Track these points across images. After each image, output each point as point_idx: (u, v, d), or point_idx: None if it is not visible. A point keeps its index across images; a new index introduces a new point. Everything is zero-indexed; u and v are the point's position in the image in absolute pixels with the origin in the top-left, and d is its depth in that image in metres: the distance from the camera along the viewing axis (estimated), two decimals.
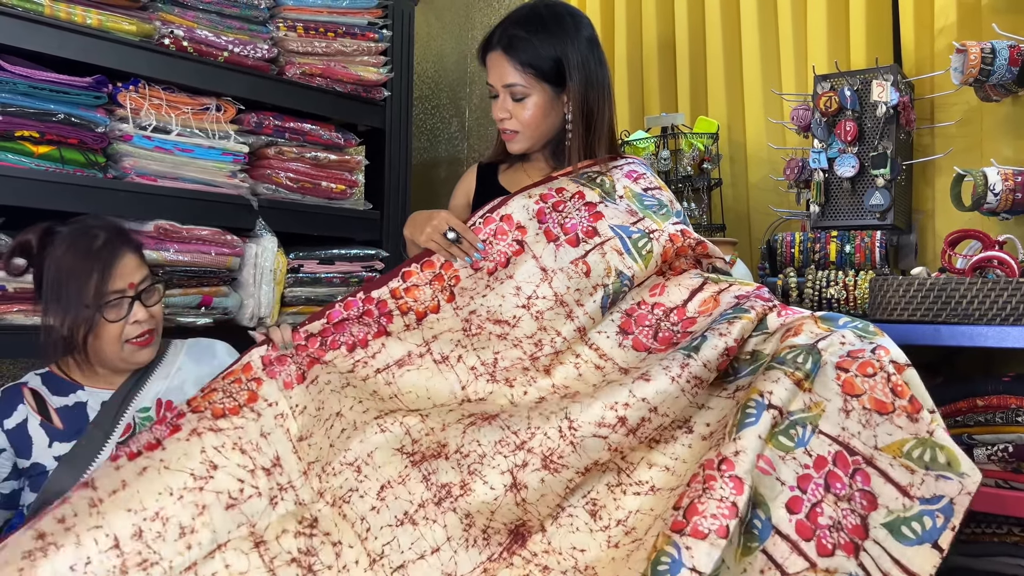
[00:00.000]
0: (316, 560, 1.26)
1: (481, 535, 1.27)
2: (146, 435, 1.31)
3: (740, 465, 1.11)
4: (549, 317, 1.42)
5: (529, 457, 1.26)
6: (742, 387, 1.30)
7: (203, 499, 1.24)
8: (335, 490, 1.31)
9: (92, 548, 1.17)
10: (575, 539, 1.28)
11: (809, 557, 1.06)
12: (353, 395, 1.39)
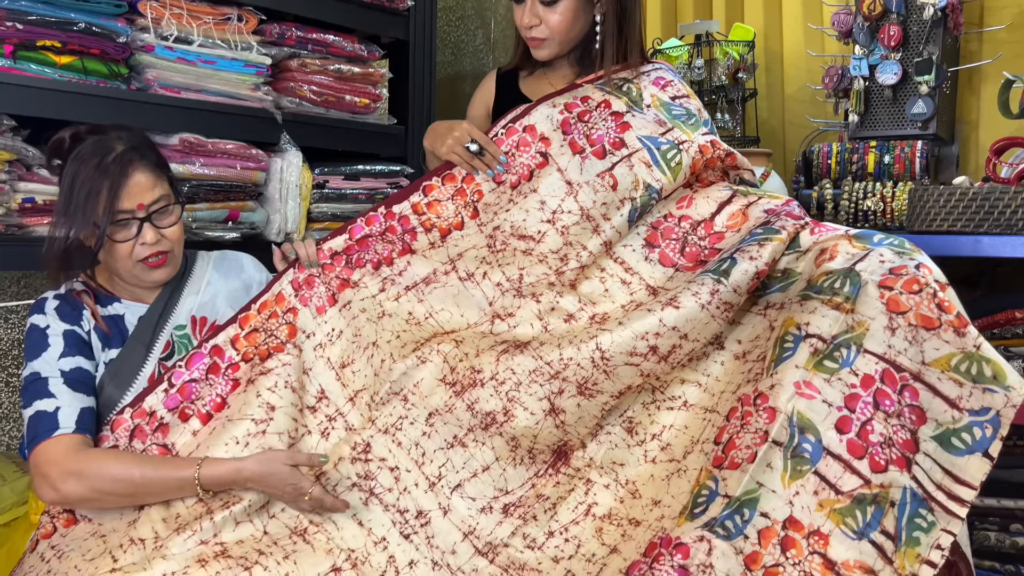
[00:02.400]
0: (376, 483, 1.31)
1: (527, 454, 1.32)
2: (207, 389, 1.34)
3: (775, 397, 1.12)
4: (575, 232, 1.40)
5: (564, 385, 1.28)
6: (772, 304, 1.29)
7: (267, 442, 1.27)
8: (386, 418, 1.35)
9: (180, 504, 1.22)
10: (614, 455, 1.33)
11: (862, 474, 1.06)
12: (390, 326, 1.40)
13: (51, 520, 1.26)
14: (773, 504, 1.07)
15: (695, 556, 1.06)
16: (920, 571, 1.03)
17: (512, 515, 1.30)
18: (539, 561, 1.27)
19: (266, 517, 1.23)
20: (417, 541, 1.28)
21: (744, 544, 1.05)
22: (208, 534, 1.18)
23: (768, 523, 1.06)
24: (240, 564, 1.17)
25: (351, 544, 1.26)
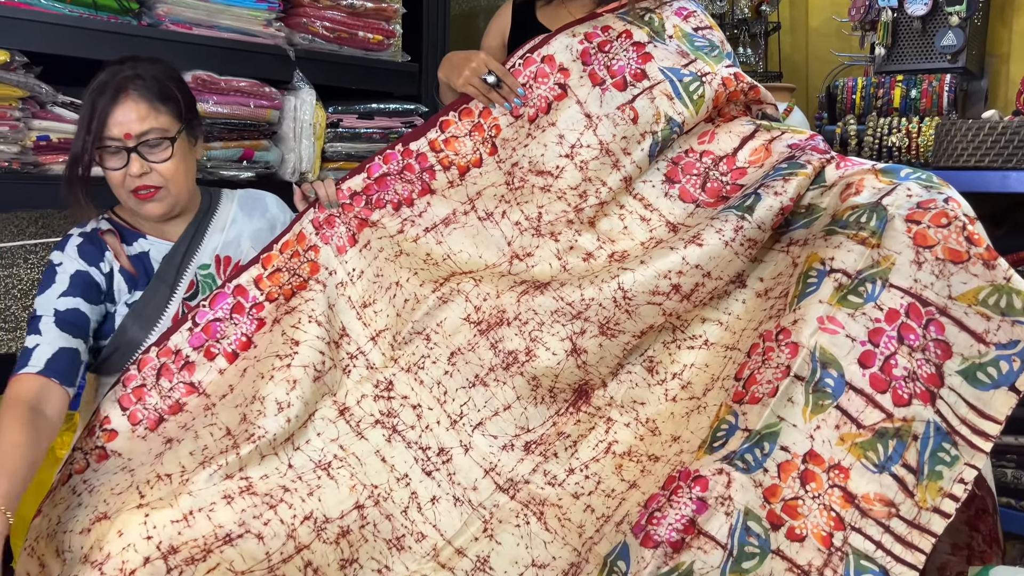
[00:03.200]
0: (399, 421, 1.32)
1: (548, 394, 1.33)
2: (231, 328, 1.34)
3: (798, 332, 1.11)
4: (594, 167, 1.37)
5: (586, 325, 1.28)
6: (795, 240, 1.27)
7: (292, 375, 1.27)
8: (408, 357, 1.35)
9: (208, 439, 1.24)
10: (635, 394, 1.33)
11: (884, 408, 1.06)
12: (408, 265, 1.39)
13: (84, 456, 1.28)
14: (794, 438, 1.07)
15: (713, 488, 1.07)
16: (942, 504, 1.03)
17: (533, 453, 1.32)
18: (559, 497, 1.29)
19: (291, 449, 1.25)
20: (439, 478, 1.30)
21: (763, 477, 1.06)
22: (234, 468, 1.19)
23: (788, 457, 1.06)
24: (265, 502, 1.19)
25: (374, 480, 1.27)
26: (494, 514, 1.28)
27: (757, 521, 1.04)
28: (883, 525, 1.02)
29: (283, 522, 1.19)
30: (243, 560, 1.15)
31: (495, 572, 1.24)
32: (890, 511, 1.02)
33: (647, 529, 1.10)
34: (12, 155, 1.62)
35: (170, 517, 1.14)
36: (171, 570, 1.12)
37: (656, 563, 1.06)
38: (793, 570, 1.02)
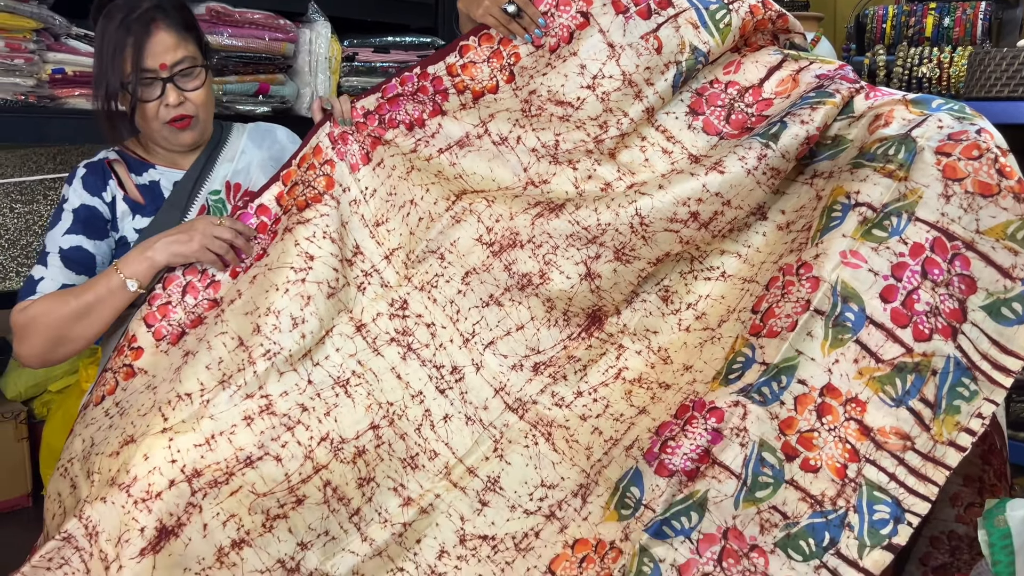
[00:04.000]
0: (413, 339, 1.33)
1: (562, 316, 1.34)
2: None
3: (819, 267, 1.10)
4: (615, 98, 1.34)
5: (601, 250, 1.28)
6: (820, 173, 1.24)
7: (307, 290, 1.28)
8: (422, 276, 1.36)
9: (222, 350, 1.25)
10: (648, 322, 1.33)
11: (905, 343, 1.05)
12: (420, 181, 1.39)
13: (114, 375, 1.31)
14: (811, 372, 1.07)
15: (729, 420, 1.07)
16: (958, 438, 1.03)
17: (542, 374, 1.33)
18: (567, 419, 1.30)
19: (310, 364, 1.27)
20: (451, 396, 1.32)
21: (780, 410, 1.06)
22: (253, 387, 1.22)
23: (805, 390, 1.06)
24: (283, 424, 1.21)
25: (389, 397, 1.29)
26: (504, 434, 1.30)
27: (772, 452, 1.05)
28: (898, 458, 1.02)
29: (300, 443, 1.22)
30: (264, 482, 1.18)
31: (505, 492, 1.26)
32: (905, 444, 1.02)
33: (661, 458, 1.12)
34: (28, 88, 1.62)
35: (193, 441, 1.17)
36: (195, 492, 1.15)
37: (671, 491, 1.08)
38: (806, 499, 1.03)
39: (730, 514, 1.05)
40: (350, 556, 1.20)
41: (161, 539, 1.13)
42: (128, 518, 1.13)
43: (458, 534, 1.24)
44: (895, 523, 1.00)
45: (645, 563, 1.07)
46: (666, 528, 1.07)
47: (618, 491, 1.16)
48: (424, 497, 1.25)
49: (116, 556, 1.12)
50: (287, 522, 1.18)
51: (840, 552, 1.00)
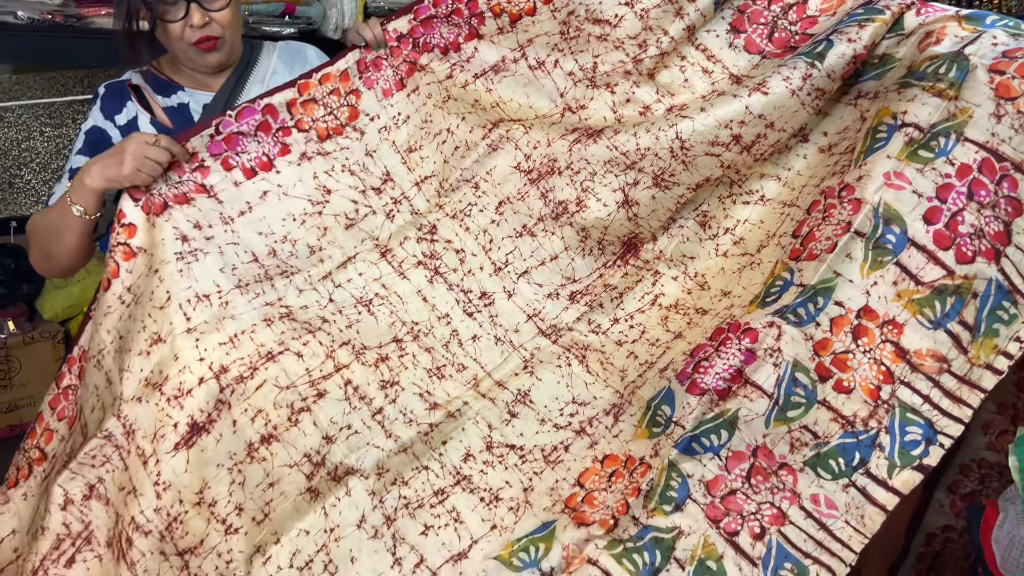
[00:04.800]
0: (441, 263, 1.33)
1: (596, 245, 1.33)
2: (254, 146, 1.30)
3: (862, 189, 1.07)
4: (655, 15, 1.30)
5: (640, 176, 1.26)
6: (865, 93, 1.21)
7: (323, 222, 1.28)
8: (455, 204, 1.35)
9: (235, 259, 1.25)
10: (685, 248, 1.33)
11: (946, 265, 1.03)
12: (456, 110, 1.37)
13: (113, 258, 1.26)
14: (849, 293, 1.05)
15: (763, 341, 1.07)
16: (995, 361, 1.02)
17: (578, 302, 1.33)
18: (602, 344, 1.31)
19: (331, 285, 1.27)
20: (480, 319, 1.32)
21: (815, 331, 1.06)
22: (272, 296, 1.23)
23: (842, 312, 1.05)
24: (304, 327, 1.23)
25: (415, 317, 1.30)
26: (535, 355, 1.31)
27: (805, 373, 1.05)
28: (933, 380, 1.01)
29: (322, 344, 1.24)
30: (286, 375, 1.21)
31: (535, 405, 1.27)
32: (941, 367, 1.02)
33: (693, 377, 1.12)
34: (54, 7, 1.60)
35: (218, 340, 1.20)
36: (224, 389, 1.19)
37: (702, 409, 1.09)
38: (838, 420, 1.03)
39: (760, 433, 1.06)
40: (375, 451, 1.21)
41: (193, 434, 1.17)
42: (162, 415, 1.17)
43: (485, 440, 1.25)
44: (926, 444, 1.00)
45: (673, 478, 1.09)
46: (695, 445, 1.08)
47: (650, 410, 1.17)
48: (451, 403, 1.26)
49: (152, 451, 1.17)
50: (311, 415, 1.21)
51: (869, 471, 1.01)
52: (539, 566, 1.12)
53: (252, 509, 1.18)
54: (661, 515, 1.08)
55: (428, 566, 1.16)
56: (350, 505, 1.19)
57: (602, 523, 1.12)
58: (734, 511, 1.05)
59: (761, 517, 1.04)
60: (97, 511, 1.20)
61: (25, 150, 2.08)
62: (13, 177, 2.09)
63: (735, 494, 1.06)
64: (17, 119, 2.07)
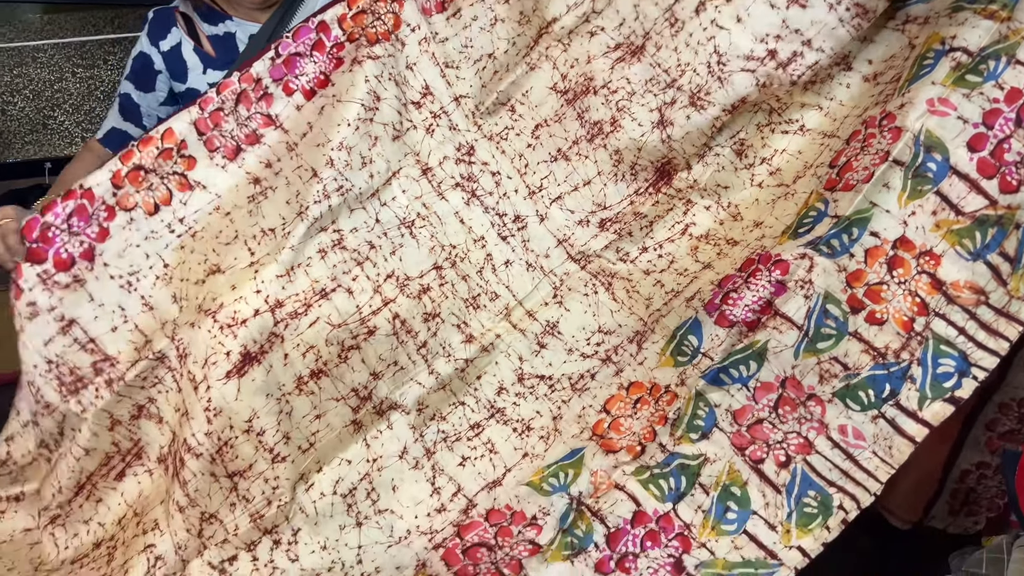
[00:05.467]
0: (478, 186, 1.34)
1: (629, 170, 1.32)
2: (311, 66, 1.29)
3: (903, 116, 1.04)
4: None
5: (678, 95, 1.24)
6: (914, 18, 1.16)
7: (374, 131, 1.28)
8: (491, 127, 1.35)
9: (298, 183, 1.26)
10: (719, 177, 1.30)
11: (989, 194, 1.00)
12: (505, 35, 1.34)
13: (163, 182, 1.25)
14: (885, 224, 1.03)
15: (794, 272, 1.06)
16: None
17: (608, 230, 1.33)
18: (630, 272, 1.31)
19: (378, 204, 1.29)
20: (513, 243, 1.33)
21: (848, 262, 1.04)
22: (327, 221, 1.25)
23: (877, 242, 1.03)
24: (353, 258, 1.26)
25: (452, 240, 1.32)
26: (564, 281, 1.33)
27: (836, 304, 1.04)
28: (969, 312, 1.00)
29: (369, 278, 1.27)
30: (338, 313, 1.25)
31: (563, 336, 1.30)
32: (979, 299, 0.99)
33: (722, 309, 1.11)
34: None
35: (275, 272, 1.23)
36: (278, 323, 1.22)
37: (730, 340, 1.08)
38: (869, 352, 1.02)
39: (789, 364, 1.05)
40: (417, 387, 1.26)
41: (245, 364, 1.20)
42: (215, 342, 1.20)
43: (516, 372, 1.28)
44: (959, 376, 0.99)
45: (700, 407, 1.09)
46: (723, 376, 1.08)
47: (675, 338, 1.17)
48: (485, 336, 1.30)
49: (204, 377, 1.20)
50: (360, 353, 1.25)
51: (899, 403, 1.00)
52: (568, 491, 1.14)
53: (298, 439, 1.22)
54: (687, 443, 1.10)
55: (465, 494, 1.21)
56: (392, 438, 1.24)
57: (629, 449, 1.14)
58: (760, 439, 1.06)
59: (787, 446, 1.05)
60: (147, 429, 1.25)
61: (58, 91, 2.10)
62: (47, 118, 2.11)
63: (762, 423, 1.06)
64: (49, 60, 2.09)
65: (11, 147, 2.14)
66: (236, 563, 1.20)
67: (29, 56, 2.06)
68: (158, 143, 1.24)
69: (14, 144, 2.14)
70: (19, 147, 2.15)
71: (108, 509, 1.27)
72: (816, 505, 1.03)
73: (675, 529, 1.08)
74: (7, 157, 2.13)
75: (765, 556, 1.04)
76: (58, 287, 1.20)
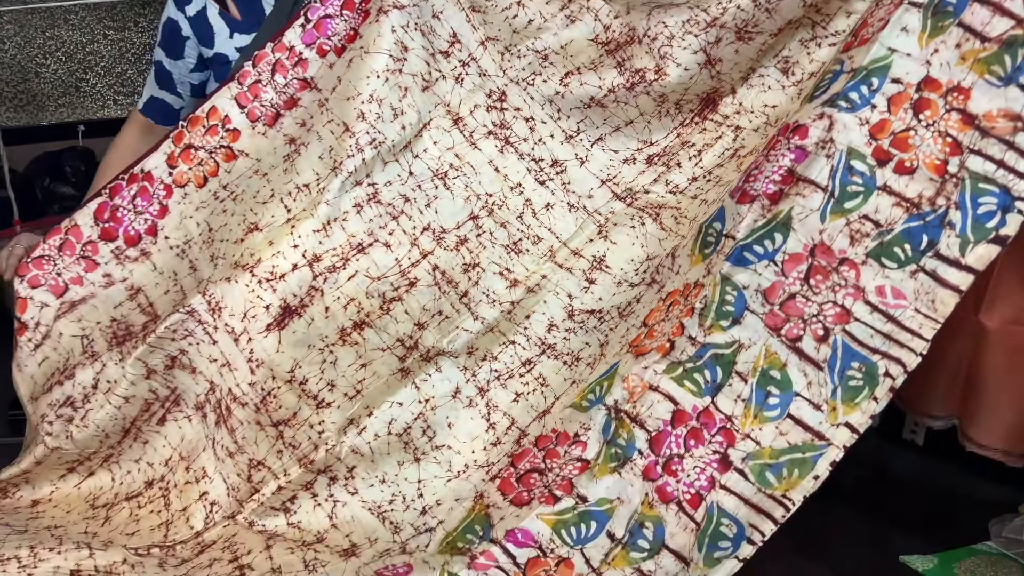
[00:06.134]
0: (511, 132, 1.32)
1: (674, 107, 1.29)
2: (341, 25, 1.33)
3: None
4: None
5: (722, 32, 1.21)
6: None
7: (403, 81, 1.29)
8: (518, 71, 1.33)
9: (330, 138, 1.29)
10: (766, 97, 1.26)
11: (1014, 13, 0.90)
12: None
13: (210, 155, 1.34)
14: (907, 68, 0.95)
15: (813, 134, 0.99)
16: None
17: (656, 164, 1.30)
18: (678, 201, 1.28)
19: (410, 156, 1.29)
20: (553, 187, 1.31)
21: (870, 114, 0.97)
22: (361, 175, 1.26)
23: (900, 88, 0.95)
24: (388, 213, 1.27)
25: (488, 189, 1.31)
26: (609, 219, 1.30)
27: (861, 159, 0.97)
28: (1006, 142, 0.90)
29: (405, 232, 1.28)
30: (376, 267, 1.26)
31: (611, 269, 1.27)
32: (1015, 125, 0.90)
33: (743, 188, 1.06)
34: None
35: (312, 227, 1.25)
36: (316, 276, 1.24)
37: (752, 216, 1.03)
38: (901, 204, 0.94)
39: (816, 229, 0.98)
40: (464, 334, 1.26)
41: (285, 317, 1.23)
42: (253, 296, 1.23)
43: (566, 310, 1.27)
44: (1002, 213, 0.90)
45: (728, 292, 1.03)
46: (747, 254, 1.02)
47: (701, 232, 1.12)
48: (530, 278, 1.28)
49: (244, 330, 1.24)
50: (403, 304, 1.26)
51: (939, 253, 0.92)
52: (603, 401, 1.11)
53: (344, 386, 1.24)
54: (718, 331, 1.04)
55: (519, 426, 1.21)
56: (442, 380, 1.24)
57: (658, 349, 1.09)
58: (794, 316, 0.99)
59: (823, 318, 0.98)
60: (182, 378, 1.29)
61: (89, 53, 2.20)
62: (79, 81, 2.22)
63: (794, 298, 0.99)
64: (81, 21, 2.19)
65: (45, 110, 2.25)
66: (297, 501, 1.22)
67: (61, 18, 2.17)
68: (204, 122, 1.33)
69: (48, 107, 2.25)
70: (52, 110, 2.26)
71: (155, 450, 1.31)
72: (861, 376, 0.95)
73: (717, 423, 1.02)
74: (41, 120, 2.25)
75: (812, 438, 0.97)
76: (128, 260, 1.33)
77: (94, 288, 1.34)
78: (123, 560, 1.17)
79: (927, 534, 1.29)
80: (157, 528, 1.26)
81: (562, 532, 1.04)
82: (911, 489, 1.46)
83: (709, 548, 0.99)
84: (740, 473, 0.99)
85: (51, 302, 1.36)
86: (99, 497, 1.32)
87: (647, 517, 1.03)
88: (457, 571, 1.05)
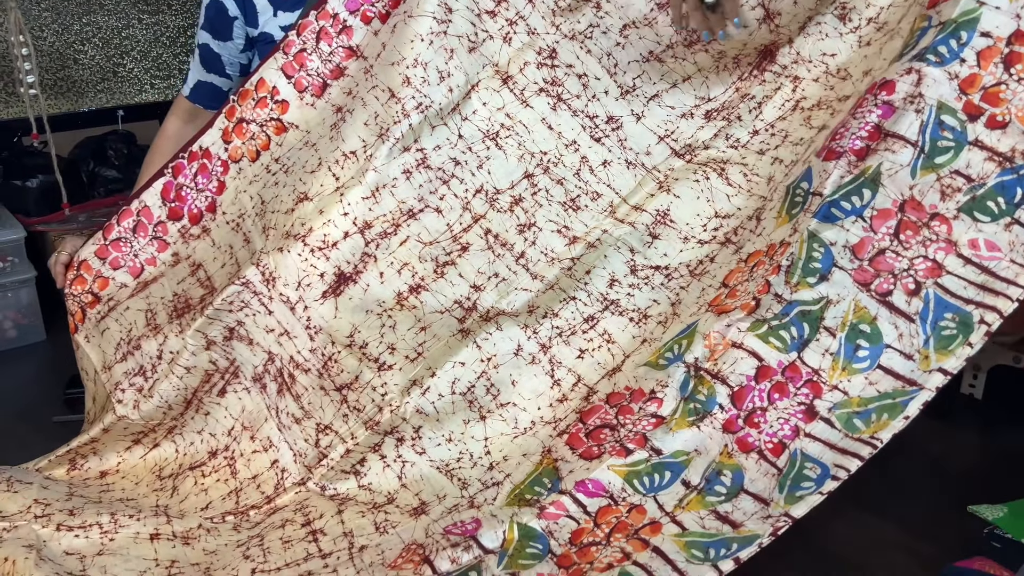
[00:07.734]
0: (563, 89, 1.31)
1: (732, 62, 1.27)
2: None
3: None
4: None
5: None
6: None
7: (449, 43, 1.27)
8: (572, 24, 1.31)
9: (375, 104, 1.27)
10: (824, 46, 1.24)
11: None
12: None
13: (261, 129, 1.35)
14: (996, 21, 0.96)
15: (901, 89, 1.00)
16: None
17: (715, 119, 1.29)
18: (743, 156, 1.26)
19: (459, 119, 1.28)
20: (609, 144, 1.30)
21: (960, 68, 0.97)
22: (409, 140, 1.25)
23: (989, 42, 0.96)
24: (439, 177, 1.26)
25: (542, 147, 1.30)
26: (669, 176, 1.29)
27: (952, 114, 0.97)
28: None
29: (456, 196, 1.27)
30: (428, 232, 1.25)
31: (676, 224, 1.26)
32: None
33: (829, 146, 1.06)
34: None
35: (361, 194, 1.24)
36: (368, 243, 1.23)
37: (839, 172, 1.03)
38: (993, 158, 0.96)
39: (906, 184, 0.99)
40: (524, 293, 1.26)
41: (340, 284, 1.22)
42: (306, 264, 1.22)
43: (628, 264, 1.26)
44: None
45: (815, 249, 1.04)
46: (835, 210, 1.03)
47: (789, 193, 1.13)
48: (590, 234, 1.27)
49: (299, 298, 1.23)
50: (456, 268, 1.25)
51: None
52: (683, 360, 1.11)
53: (404, 349, 1.24)
54: (806, 288, 1.05)
55: (586, 383, 1.21)
56: (503, 338, 1.24)
57: (743, 307, 1.10)
58: (885, 271, 1.00)
59: (915, 272, 0.99)
60: (240, 350, 1.29)
61: (125, 38, 2.18)
62: (116, 66, 2.20)
63: (884, 254, 1.01)
64: (116, 6, 2.16)
65: (84, 96, 2.24)
66: (366, 464, 1.22)
67: (96, 4, 2.14)
68: (254, 94, 1.34)
69: (87, 93, 2.25)
70: (92, 96, 2.25)
71: (216, 421, 1.32)
72: (955, 326, 0.97)
73: (803, 377, 1.03)
74: (81, 106, 2.25)
75: (903, 385, 0.98)
76: (192, 238, 1.36)
77: (164, 268, 1.36)
78: (198, 526, 1.18)
79: (994, 485, 1.32)
80: (228, 496, 1.26)
81: (634, 481, 1.06)
82: (973, 442, 1.49)
83: (791, 489, 1.01)
84: (826, 422, 1.01)
85: (129, 283, 1.36)
86: (164, 468, 1.32)
87: (725, 465, 1.04)
88: (526, 521, 1.06)
